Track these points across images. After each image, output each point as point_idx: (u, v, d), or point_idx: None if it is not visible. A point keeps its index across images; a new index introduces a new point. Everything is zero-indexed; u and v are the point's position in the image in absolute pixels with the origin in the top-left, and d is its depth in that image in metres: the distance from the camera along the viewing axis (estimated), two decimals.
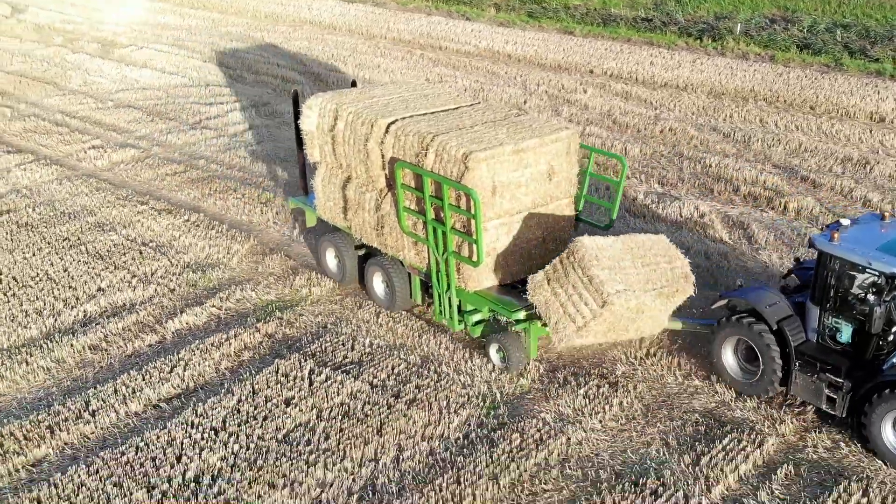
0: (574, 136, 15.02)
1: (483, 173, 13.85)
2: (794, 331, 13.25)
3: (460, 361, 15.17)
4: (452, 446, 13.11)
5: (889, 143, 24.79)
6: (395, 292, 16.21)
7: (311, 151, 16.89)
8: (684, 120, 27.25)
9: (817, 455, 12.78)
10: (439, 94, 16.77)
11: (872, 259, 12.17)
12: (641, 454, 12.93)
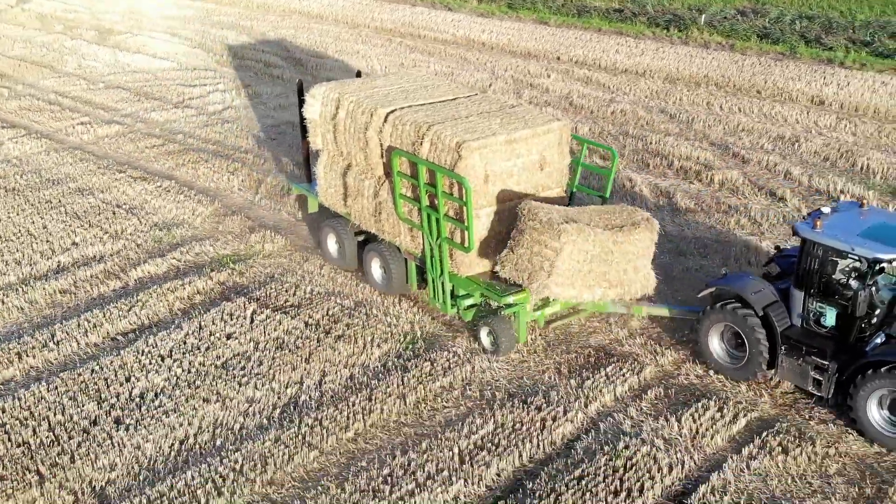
0: (566, 128, 15.45)
1: (476, 162, 14.32)
2: (780, 316, 13.64)
3: (389, 306, 16.91)
4: (370, 372, 14.87)
5: (823, 123, 26.38)
6: (392, 277, 16.72)
7: (314, 139, 17.36)
8: (637, 103, 28.88)
9: (688, 381, 14.48)
10: (438, 86, 17.22)
11: (855, 245, 12.54)
12: (535, 380, 14.65)
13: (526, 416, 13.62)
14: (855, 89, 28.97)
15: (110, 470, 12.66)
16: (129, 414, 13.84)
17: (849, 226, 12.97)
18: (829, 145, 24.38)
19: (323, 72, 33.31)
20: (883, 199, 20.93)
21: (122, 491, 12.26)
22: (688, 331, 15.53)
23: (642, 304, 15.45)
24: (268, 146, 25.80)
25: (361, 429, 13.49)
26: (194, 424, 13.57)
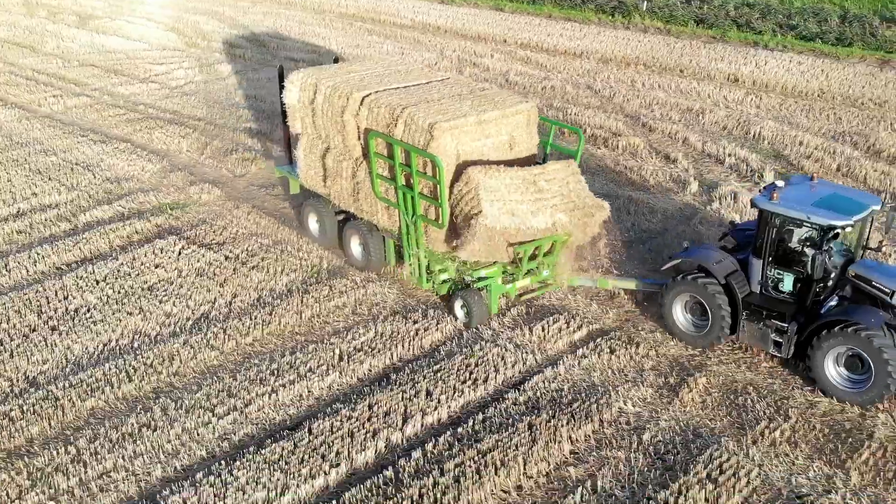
0: (533, 110, 16.06)
1: (447, 142, 14.81)
2: (740, 284, 14.46)
3: (302, 244, 19.20)
4: (275, 294, 17.18)
5: (731, 97, 28.66)
6: (371, 253, 17.42)
7: (293, 123, 17.86)
8: (568, 80, 31.15)
9: (549, 303, 16.76)
10: (411, 70, 17.88)
11: (810, 214, 13.40)
12: (420, 301, 16.93)
13: (403, 328, 15.92)
14: (770, 68, 31.25)
15: (42, 364, 14.99)
16: (64, 324, 16.16)
17: (802, 197, 13.81)
18: (730, 116, 26.66)
19: (283, 51, 35.65)
20: (764, 161, 23.19)
21: (49, 379, 14.58)
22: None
23: (608, 278, 16.68)
24: (220, 115, 28.10)
25: (259, 336, 15.82)
26: (117, 332, 15.91)
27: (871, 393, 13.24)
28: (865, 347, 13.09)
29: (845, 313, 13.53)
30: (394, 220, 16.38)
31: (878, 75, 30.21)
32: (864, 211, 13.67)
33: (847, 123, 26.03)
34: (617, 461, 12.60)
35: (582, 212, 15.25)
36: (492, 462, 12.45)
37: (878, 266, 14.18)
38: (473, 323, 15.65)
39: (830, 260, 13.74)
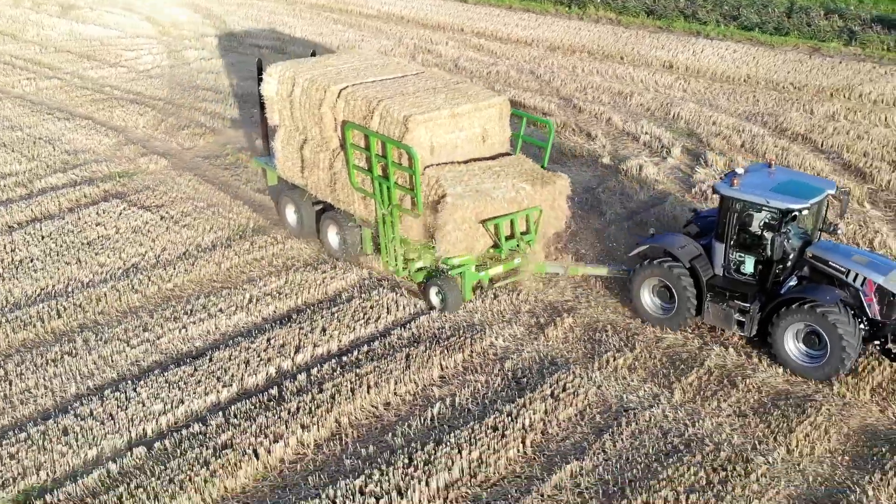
0: (505, 103, 16.68)
1: (421, 134, 15.36)
2: (704, 267, 15.14)
3: (233, 206, 20.95)
4: (201, 249, 18.95)
5: (662, 82, 30.35)
6: (347, 243, 17.79)
7: (272, 115, 18.21)
8: (514, 66, 32.86)
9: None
10: (387, 64, 18.31)
11: (769, 198, 14.08)
12: (332, 256, 18.69)
13: (311, 277, 17.68)
14: (705, 56, 32.92)
15: None
16: (8, 272, 17.97)
17: (761, 183, 14.50)
18: (655, 99, 28.35)
19: (249, 39, 37.43)
20: (676, 138, 24.88)
21: None
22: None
23: (579, 265, 17.28)
24: (179, 96, 29.87)
25: (179, 283, 17.61)
26: (54, 279, 17.71)
27: (828, 367, 13.92)
28: (821, 323, 13.71)
29: (803, 291, 14.21)
30: (370, 210, 16.76)
31: (805, 62, 31.84)
32: (819, 195, 14.33)
33: (763, 105, 27.70)
34: (477, 383, 14.35)
35: (542, 181, 16.04)
36: (366, 383, 14.22)
37: (835, 247, 14.90)
38: (449, 309, 16.07)
39: (789, 242, 14.21)
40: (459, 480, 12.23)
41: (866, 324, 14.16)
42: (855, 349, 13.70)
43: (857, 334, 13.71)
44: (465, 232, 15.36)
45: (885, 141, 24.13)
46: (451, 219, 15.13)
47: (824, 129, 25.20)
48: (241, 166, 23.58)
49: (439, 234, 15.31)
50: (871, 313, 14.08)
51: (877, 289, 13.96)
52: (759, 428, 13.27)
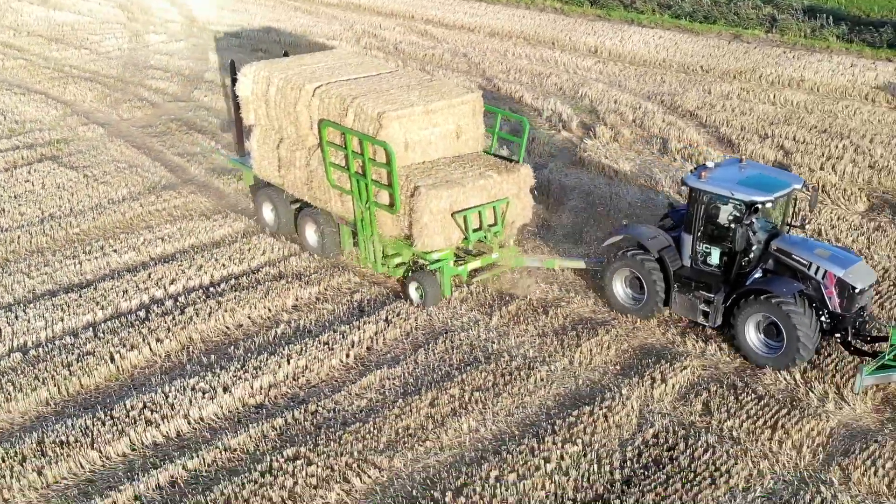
0: (479, 100, 16.80)
1: (396, 131, 15.51)
2: (672, 258, 15.45)
3: (151, 166, 23.12)
4: (112, 201, 21.12)
5: (582, 65, 32.33)
6: (325, 240, 17.93)
7: (247, 115, 18.28)
8: (450, 50, 34.90)
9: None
10: (362, 63, 18.55)
11: (734, 191, 14.39)
12: (232, 208, 20.82)
13: (202, 225, 19.79)
14: (630, 42, 34.85)
15: None
16: None
17: (730, 176, 14.84)
18: (569, 80, 30.33)
19: (210, 25, 39.66)
20: (577, 115, 26.84)
21: None
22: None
23: (556, 258, 17.49)
24: (131, 75, 32.14)
25: (85, 228, 19.83)
26: None
27: (785, 357, 14.17)
28: (778, 315, 14.00)
29: (762, 283, 14.50)
30: (347, 208, 16.79)
31: (722, 48, 33.71)
32: (784, 189, 14.67)
33: (668, 86, 29.62)
34: (324, 310, 16.47)
35: (507, 169, 16.38)
36: (224, 308, 16.34)
37: (799, 240, 15.19)
38: (428, 304, 16.16)
39: (755, 235, 14.60)
40: (283, 382, 14.34)
41: (827, 316, 14.36)
42: (812, 340, 13.93)
43: (815, 326, 13.96)
44: (440, 223, 15.59)
45: (766, 117, 26.01)
46: (426, 210, 15.31)
47: (713, 106, 27.12)
48: (168, 134, 25.79)
49: (416, 227, 15.55)
50: (832, 306, 14.25)
51: (837, 282, 14.12)
52: (553, 346, 15.31)
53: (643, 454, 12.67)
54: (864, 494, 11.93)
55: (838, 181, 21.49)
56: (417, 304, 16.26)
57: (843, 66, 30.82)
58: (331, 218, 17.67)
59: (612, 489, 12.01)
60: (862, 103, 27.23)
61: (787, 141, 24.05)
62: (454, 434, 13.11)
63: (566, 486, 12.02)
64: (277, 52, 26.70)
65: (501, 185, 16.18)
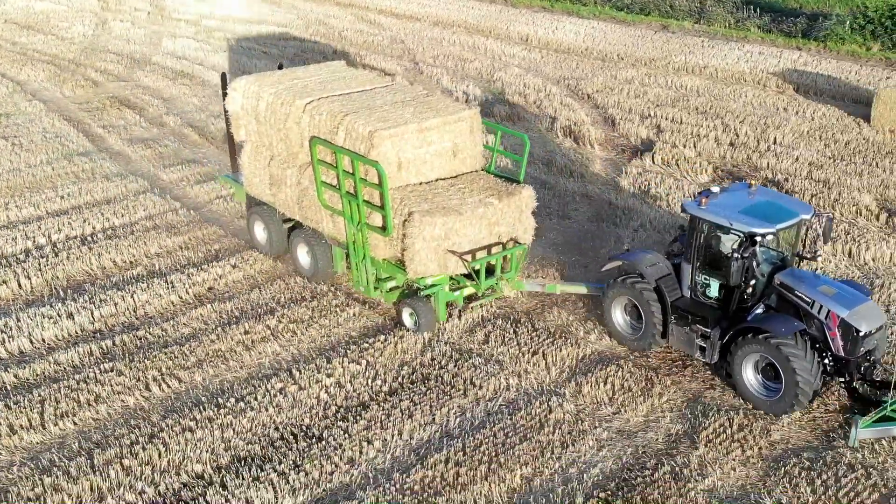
0: (476, 116, 15.93)
1: (388, 150, 14.79)
2: (671, 288, 14.46)
3: (79, 137, 25.30)
4: (29, 165, 23.32)
5: (507, 52, 34.15)
6: (318, 262, 17.11)
7: (237, 131, 17.54)
8: (390, 37, 36.85)
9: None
10: (356, 77, 17.80)
11: (734, 221, 13.32)
12: (148, 191, 22.96)
13: (101, 186, 21.90)
14: (561, 32, 36.62)
15: None
16: None
17: (734, 204, 13.79)
18: (489, 65, 32.17)
19: (176, 14, 42.01)
20: (485, 95, 28.66)
21: None
22: None
23: (558, 283, 16.67)
24: (86, 58, 34.45)
25: (3, 188, 21.98)
26: None
27: (783, 402, 13.17)
28: (775, 356, 13.01)
29: (760, 321, 13.46)
30: (339, 229, 16.08)
31: (647, 37, 35.36)
32: (790, 219, 13.56)
33: (580, 72, 31.35)
34: (188, 258, 18.49)
35: (507, 193, 15.49)
36: (94, 252, 18.43)
37: (805, 275, 14.00)
38: (422, 330, 15.49)
39: (758, 267, 13.71)
40: (122, 313, 16.39)
41: (831, 359, 13.41)
42: (811, 385, 12.90)
43: (816, 369, 12.96)
44: (435, 250, 14.83)
45: (655, 100, 27.70)
46: (420, 236, 14.62)
47: (612, 90, 28.85)
48: (101, 109, 27.99)
49: (408, 253, 14.81)
50: (835, 348, 13.23)
51: (840, 322, 13.04)
52: None
53: (416, 372, 14.57)
54: (587, 404, 13.74)
55: (696, 156, 23.13)
56: (412, 330, 15.61)
57: (752, 54, 32.38)
58: (323, 239, 16.86)
59: (377, 398, 13.91)
60: (752, 88, 28.82)
61: (664, 121, 25.74)
62: (257, 356, 15.07)
63: (337, 394, 13.95)
64: (234, 37, 28.72)
65: (502, 211, 15.35)
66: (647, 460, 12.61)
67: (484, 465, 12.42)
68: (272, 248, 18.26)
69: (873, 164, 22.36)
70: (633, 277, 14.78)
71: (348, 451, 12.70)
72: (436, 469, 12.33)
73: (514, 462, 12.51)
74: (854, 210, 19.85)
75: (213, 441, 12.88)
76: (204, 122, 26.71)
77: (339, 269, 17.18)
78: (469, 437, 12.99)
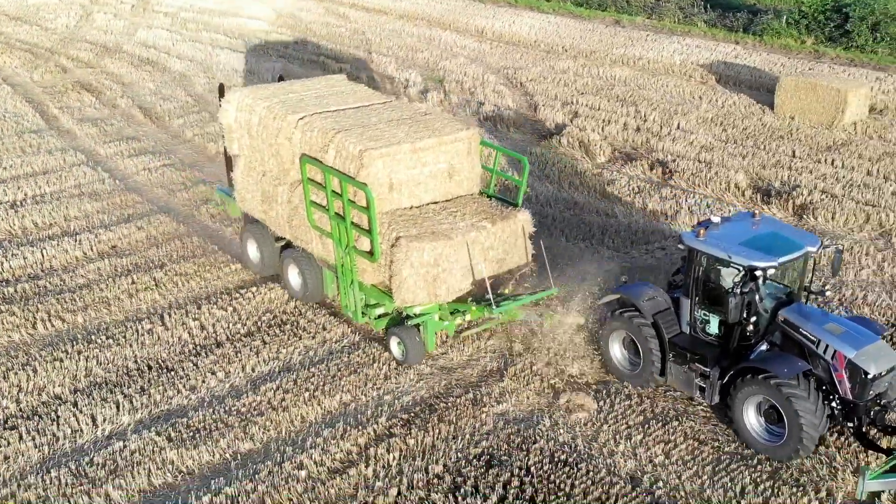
0: (475, 136, 15.31)
1: (379, 170, 14.17)
2: (669, 323, 13.59)
3: (34, 117, 27.25)
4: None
5: (458, 43, 35.74)
6: (308, 284, 16.53)
7: (230, 145, 17.08)
8: (354, 29, 38.54)
9: None
10: (354, 92, 17.11)
11: (733, 253, 12.46)
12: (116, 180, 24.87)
13: (40, 160, 23.79)
14: (517, 26, 38.17)
15: None
16: None
17: (735, 235, 12.94)
18: (438, 56, 33.78)
19: (159, 6, 43.99)
20: (426, 83, 30.21)
21: None
22: None
23: (554, 313, 15.35)
24: (61, 47, 36.54)
25: None
26: None
27: (787, 447, 12.32)
28: (777, 398, 12.21)
29: (762, 361, 12.63)
30: (329, 250, 15.54)
31: (598, 31, 36.79)
32: (794, 252, 12.72)
33: (521, 62, 32.85)
34: (102, 220, 20.29)
35: (502, 217, 14.89)
36: (19, 214, 20.27)
37: (812, 312, 13.07)
38: (410, 361, 14.91)
39: (762, 302, 12.91)
40: (30, 265, 18.19)
41: (839, 402, 12.46)
42: (816, 429, 12.06)
43: (821, 413, 12.10)
44: (423, 278, 14.16)
45: (581, 89, 29.17)
46: (407, 263, 14.00)
47: (545, 79, 30.33)
48: (64, 93, 29.95)
49: (396, 280, 14.21)
50: (842, 391, 12.31)
51: (847, 363, 12.13)
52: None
53: (276, 318, 16.26)
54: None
55: (601, 139, 24.52)
56: (400, 361, 14.98)
57: (689, 47, 33.71)
58: (314, 260, 16.31)
59: (233, 338, 15.56)
60: (677, 78, 30.17)
61: (583, 107, 27.18)
62: (137, 303, 16.80)
63: (198, 335, 15.66)
64: (210, 31, 30.38)
65: (496, 235, 14.71)
66: (455, 390, 14.17)
67: (309, 392, 14.05)
68: (264, 266, 17.70)
69: (762, 146, 23.64)
70: (630, 311, 14.02)
71: (192, 380, 14.40)
72: (265, 395, 13.97)
73: (338, 390, 14.14)
74: (723, 186, 21.19)
75: (77, 370, 14.64)
76: (153, 104, 28.59)
77: (330, 293, 16.49)
78: (304, 371, 14.64)
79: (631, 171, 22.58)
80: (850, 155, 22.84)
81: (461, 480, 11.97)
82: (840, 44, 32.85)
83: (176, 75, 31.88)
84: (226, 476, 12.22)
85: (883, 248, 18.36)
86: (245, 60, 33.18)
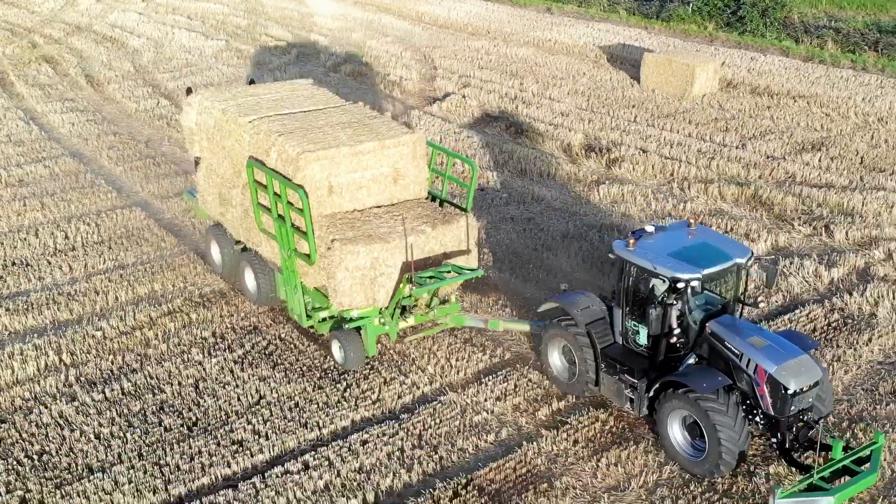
0: (420, 141, 15.20)
1: (316, 173, 14.17)
2: (601, 334, 13.53)
3: (5, 101, 31.08)
4: None
5: (395, 26, 38.97)
6: (261, 286, 16.49)
7: (191, 147, 17.23)
8: (302, 13, 41.94)
9: None
10: (314, 95, 17.21)
11: (658, 264, 12.34)
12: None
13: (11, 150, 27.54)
14: (455, 11, 41.38)
15: None
16: None
17: (665, 245, 12.80)
18: (365, 35, 37.04)
19: None
20: (345, 57, 33.47)
21: None
22: None
23: (500, 320, 15.61)
24: (39, 26, 40.47)
25: None
26: None
27: (707, 463, 12.20)
28: (697, 413, 12.10)
29: (691, 376, 12.43)
30: (276, 253, 15.50)
31: (528, 17, 39.87)
32: (721, 263, 12.55)
33: (442, 42, 35.99)
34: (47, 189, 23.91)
35: (443, 221, 14.82)
36: None
37: (738, 325, 12.81)
38: (350, 365, 14.86)
39: (690, 314, 12.78)
40: None
41: (762, 417, 12.38)
42: (736, 444, 11.91)
43: (741, 428, 11.96)
44: (360, 281, 14.17)
45: (482, 65, 32.25)
46: (341, 266, 14.00)
47: (456, 56, 33.49)
48: (26, 64, 33.73)
49: (331, 283, 14.26)
50: (764, 406, 12.16)
51: (768, 378, 11.99)
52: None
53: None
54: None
55: (476, 105, 27.60)
56: (341, 364, 15.01)
57: (600, 31, 36.68)
58: (266, 263, 16.36)
59: None
60: (573, 58, 33.18)
61: (475, 80, 30.32)
62: (22, 220, 20.29)
63: None
64: (177, 14, 33.79)
65: (436, 239, 14.66)
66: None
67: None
68: (225, 269, 17.90)
69: (612, 114, 26.54)
70: (567, 320, 14.01)
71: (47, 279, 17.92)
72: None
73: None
74: (560, 145, 24.20)
75: None
76: (99, 73, 32.23)
77: (282, 295, 16.27)
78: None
79: (490, 131, 25.64)
80: (682, 120, 25.72)
81: None
82: (735, 28, 35.54)
83: (130, 50, 35.53)
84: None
85: (667, 193, 21.25)
86: (194, 38, 36.83)
